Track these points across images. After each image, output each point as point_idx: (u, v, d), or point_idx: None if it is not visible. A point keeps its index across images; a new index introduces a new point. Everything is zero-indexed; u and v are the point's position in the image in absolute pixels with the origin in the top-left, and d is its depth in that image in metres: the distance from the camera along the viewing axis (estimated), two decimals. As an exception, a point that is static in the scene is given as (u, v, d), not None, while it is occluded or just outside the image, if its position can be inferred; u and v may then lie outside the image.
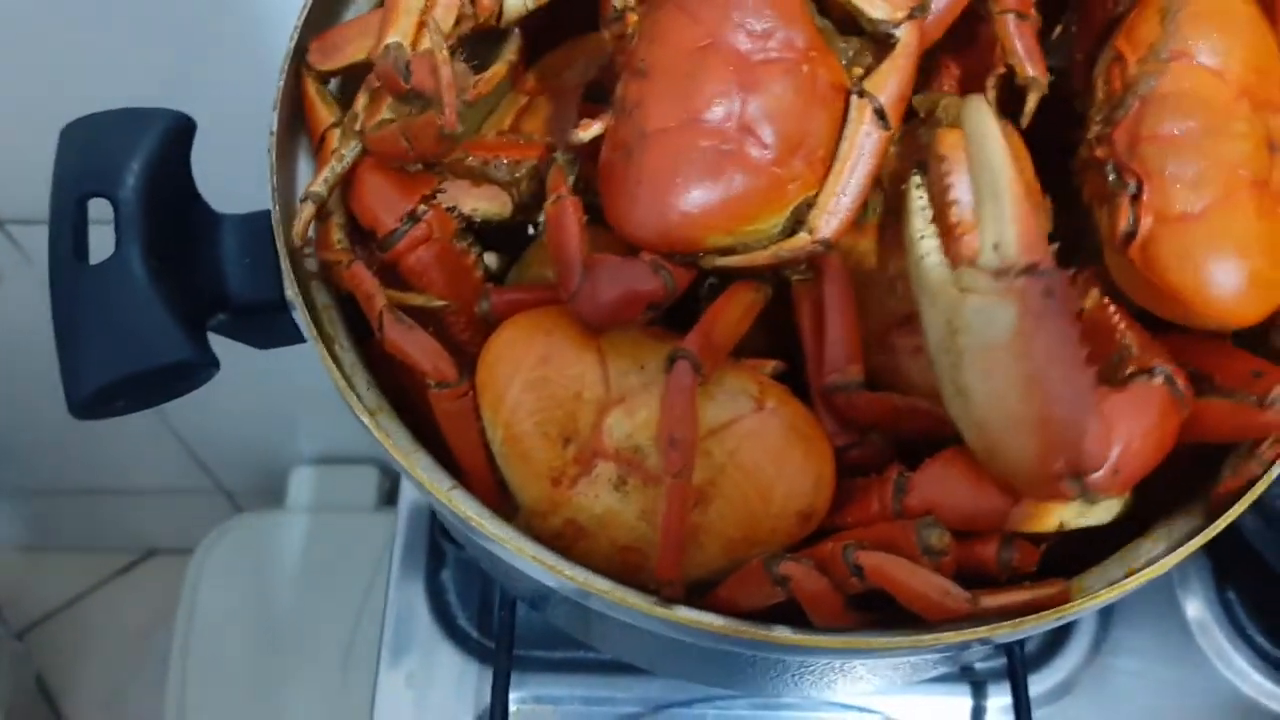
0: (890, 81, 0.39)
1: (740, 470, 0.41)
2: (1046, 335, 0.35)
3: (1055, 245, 0.38)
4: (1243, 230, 0.41)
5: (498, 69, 0.41)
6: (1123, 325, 0.43)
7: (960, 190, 0.41)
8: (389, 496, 1.18)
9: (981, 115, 0.37)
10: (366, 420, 0.42)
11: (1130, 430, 0.37)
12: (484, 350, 0.42)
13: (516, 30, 0.44)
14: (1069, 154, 0.46)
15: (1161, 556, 0.41)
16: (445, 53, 0.38)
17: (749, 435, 0.41)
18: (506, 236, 0.50)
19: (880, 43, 0.40)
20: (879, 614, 0.40)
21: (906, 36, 0.39)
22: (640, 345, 0.42)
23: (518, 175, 0.46)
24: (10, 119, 0.88)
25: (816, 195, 0.40)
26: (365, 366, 0.45)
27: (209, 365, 0.43)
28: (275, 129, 0.46)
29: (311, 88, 0.46)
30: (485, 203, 0.47)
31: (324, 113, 0.46)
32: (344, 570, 1.11)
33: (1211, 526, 0.41)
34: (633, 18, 0.42)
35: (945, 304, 0.37)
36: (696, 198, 0.39)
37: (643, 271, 0.39)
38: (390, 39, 0.40)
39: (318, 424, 1.18)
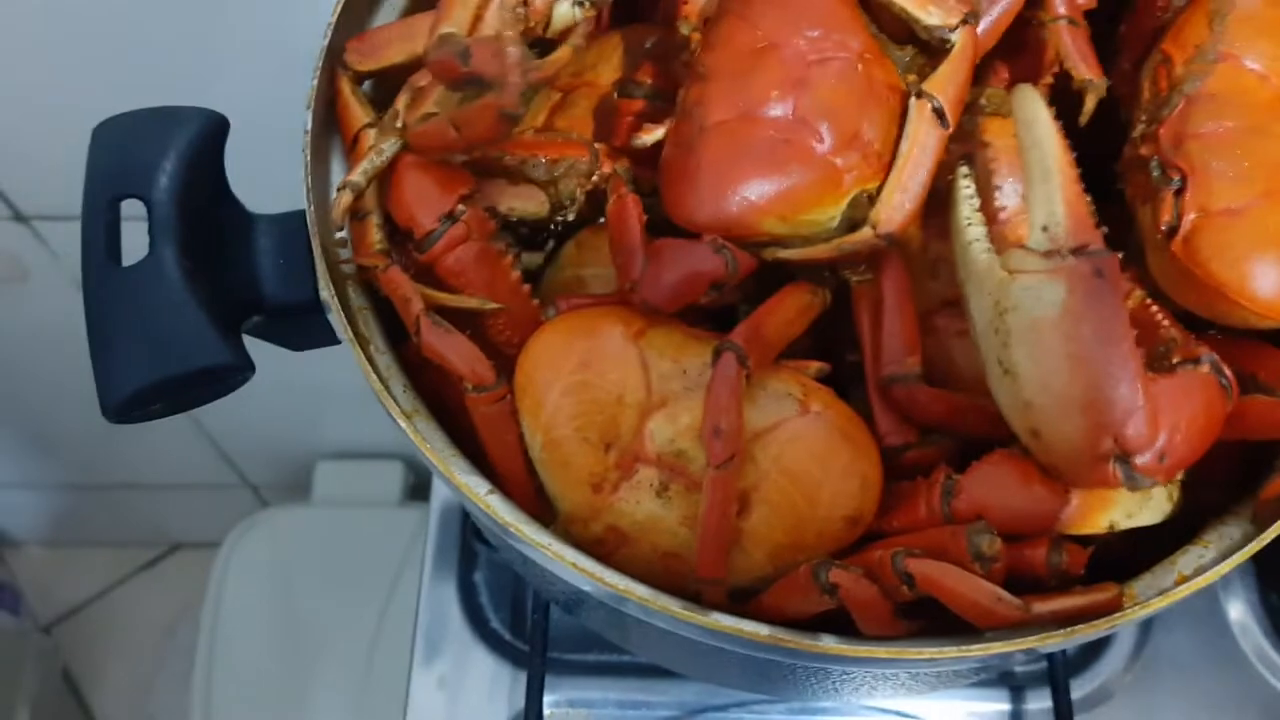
0: (948, 83, 0.40)
1: (785, 475, 0.40)
2: (1096, 314, 0.35)
3: (1104, 230, 0.38)
4: None
5: (563, 52, 0.40)
6: (1166, 322, 0.43)
7: (1007, 177, 0.42)
8: (414, 491, 1.18)
9: (1032, 100, 0.38)
10: (403, 423, 0.42)
11: (1177, 416, 0.37)
12: (522, 354, 0.41)
13: (583, 13, 0.43)
14: (1108, 161, 0.45)
15: (1212, 565, 0.40)
16: (513, 32, 0.37)
17: (794, 439, 0.40)
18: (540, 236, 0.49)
19: (935, 49, 0.41)
20: (927, 621, 0.39)
21: (962, 41, 0.40)
22: (683, 348, 0.41)
23: (556, 174, 0.45)
24: (37, 115, 0.88)
25: (874, 189, 0.41)
26: (401, 368, 0.44)
27: (244, 369, 0.43)
28: (310, 128, 0.45)
29: (347, 87, 0.46)
30: (522, 202, 0.46)
31: (359, 113, 0.45)
32: (369, 565, 1.11)
33: (1264, 535, 0.40)
34: (696, 36, 0.43)
35: (993, 285, 0.37)
36: (754, 183, 0.40)
37: (704, 252, 0.40)
38: (444, 29, 0.40)
39: (343, 418, 1.18)
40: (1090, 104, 0.44)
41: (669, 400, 0.40)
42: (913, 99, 0.40)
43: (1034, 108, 0.38)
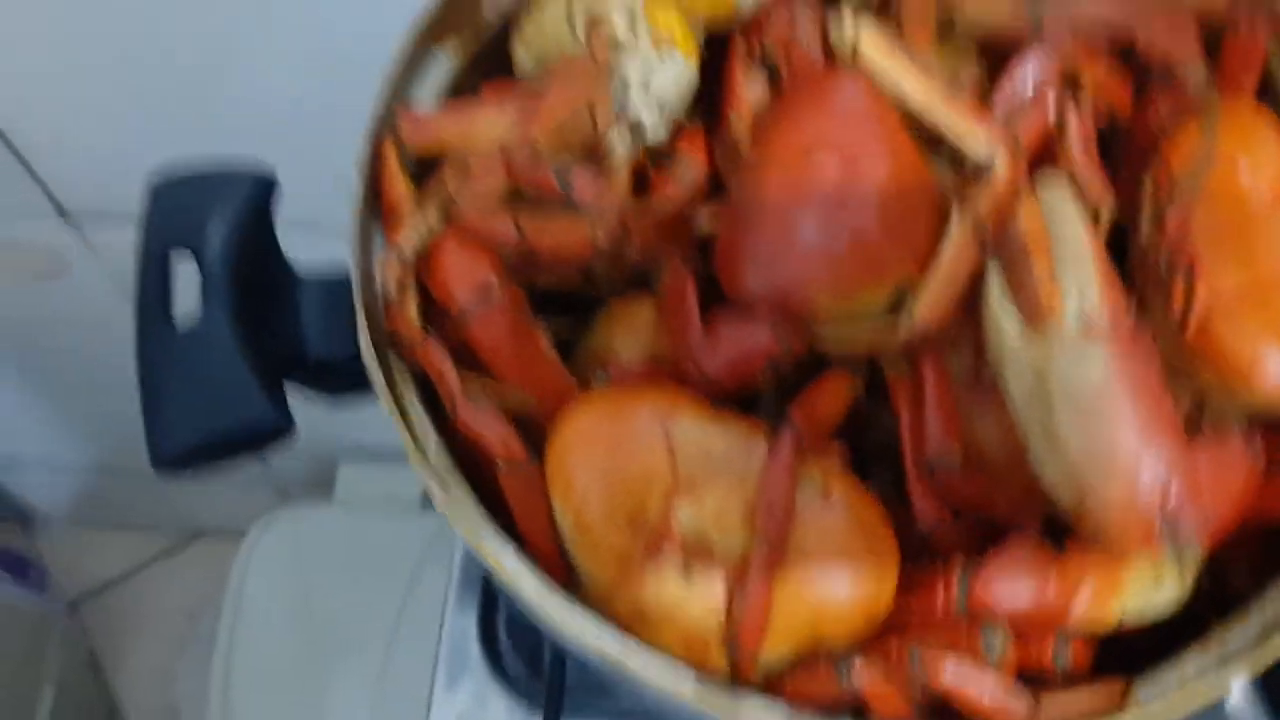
0: (989, 200, 0.42)
1: (805, 561, 0.41)
2: (1136, 379, 0.37)
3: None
4: None
5: (662, 201, 0.42)
6: (1187, 401, 0.44)
7: (1038, 259, 0.43)
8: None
9: (1059, 189, 0.41)
10: (435, 486, 0.43)
11: (1214, 480, 0.38)
12: (554, 434, 0.43)
13: (695, 172, 0.46)
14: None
15: (1214, 669, 0.41)
16: (624, 175, 0.40)
17: (814, 525, 0.41)
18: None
19: (979, 171, 0.43)
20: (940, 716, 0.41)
21: (1005, 164, 0.42)
22: (708, 433, 0.42)
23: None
24: (84, 115, 0.90)
25: (917, 280, 0.43)
26: (435, 429, 0.46)
27: (288, 430, 0.44)
28: (359, 191, 0.46)
29: (393, 159, 0.47)
30: (558, 276, 0.48)
31: (401, 185, 0.46)
32: (387, 567, 1.13)
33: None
34: (745, 130, 0.46)
35: (1032, 357, 0.39)
36: (810, 262, 0.42)
37: (761, 329, 0.42)
38: (536, 138, 0.43)
39: (370, 420, 1.20)
40: (1105, 220, 0.47)
41: (695, 484, 0.41)
42: (956, 208, 0.41)
43: (1062, 197, 0.41)
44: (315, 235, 0.57)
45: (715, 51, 0.50)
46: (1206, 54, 0.49)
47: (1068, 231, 0.39)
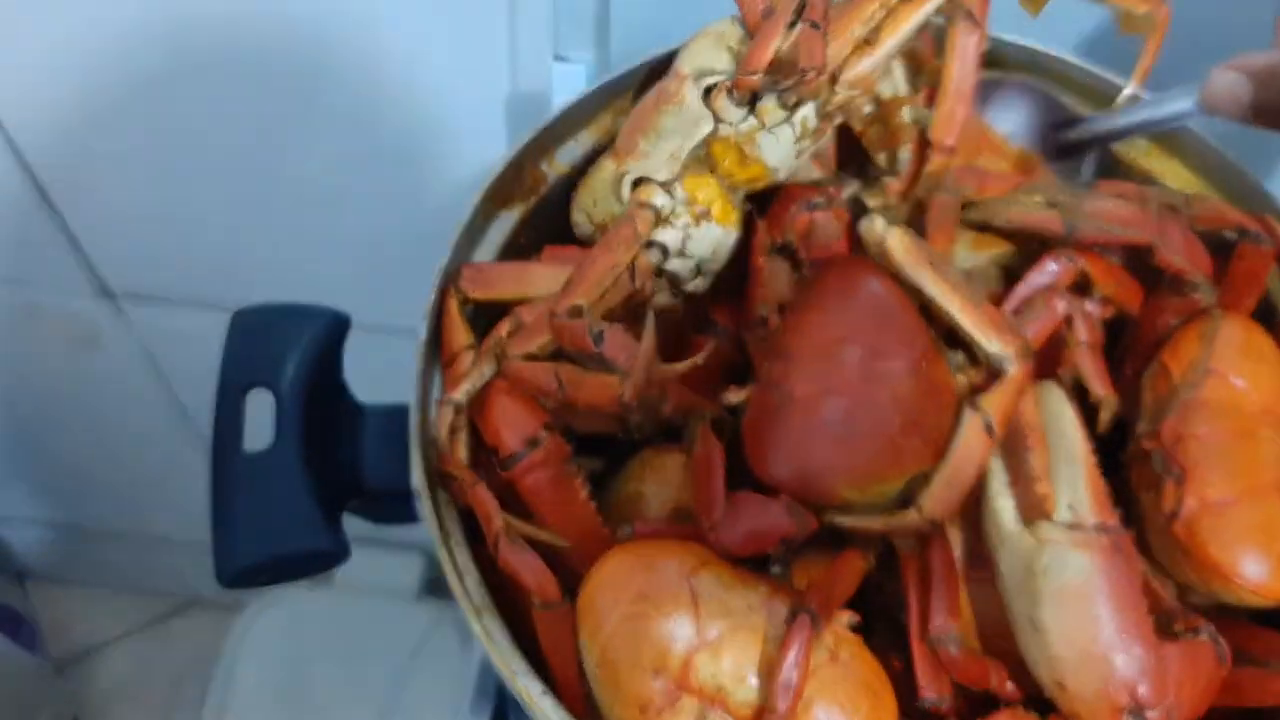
0: (1000, 403, 0.45)
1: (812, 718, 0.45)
2: (1116, 582, 0.41)
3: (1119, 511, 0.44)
4: (1267, 518, 0.48)
5: (689, 364, 0.46)
6: (1164, 594, 0.49)
7: (1036, 456, 0.47)
8: (431, 586, 1.23)
9: (1058, 396, 0.46)
10: (472, 619, 0.47)
11: (1182, 677, 0.42)
12: (587, 578, 0.47)
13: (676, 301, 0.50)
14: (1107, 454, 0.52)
15: None
16: (652, 336, 0.44)
17: (823, 686, 0.45)
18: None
19: (990, 370, 0.46)
20: None
21: (1017, 371, 0.45)
22: (730, 590, 0.46)
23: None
24: (136, 205, 0.95)
25: (930, 470, 0.46)
26: (475, 563, 0.49)
27: (344, 555, 0.48)
28: (424, 336, 0.51)
29: (455, 308, 0.52)
30: (597, 423, 0.52)
31: (462, 334, 0.51)
32: (382, 654, 1.16)
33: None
34: (774, 320, 0.50)
35: (1024, 551, 0.43)
36: (831, 452, 0.46)
37: (779, 511, 0.46)
38: (576, 301, 0.47)
39: (372, 506, 1.23)
40: (1105, 417, 0.51)
41: (715, 638, 0.45)
42: (967, 409, 0.45)
43: (1060, 403, 0.46)
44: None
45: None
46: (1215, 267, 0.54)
47: (1065, 436, 0.44)
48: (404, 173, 0.87)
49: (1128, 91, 0.53)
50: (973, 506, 0.47)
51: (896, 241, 0.48)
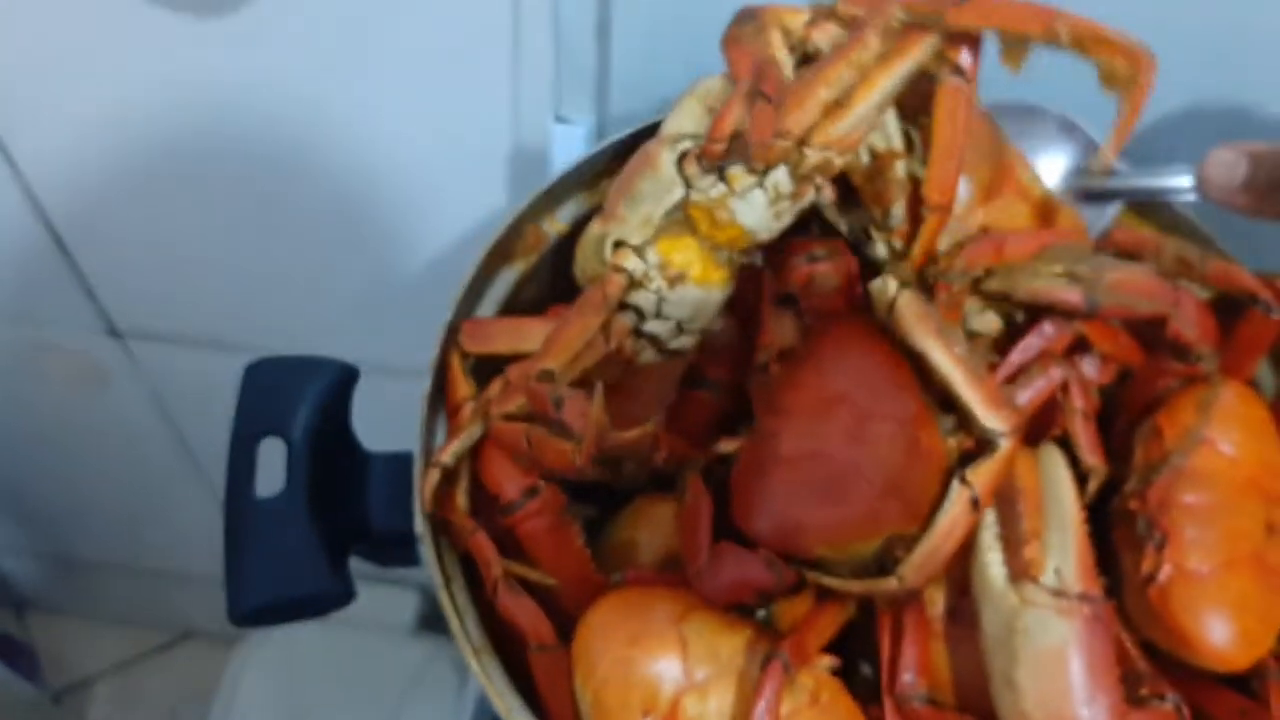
0: (988, 479, 0.46)
1: (792, 759, 0.47)
2: (1091, 651, 0.44)
3: (1104, 580, 0.46)
4: (1239, 592, 0.50)
5: (639, 433, 0.48)
6: (1136, 654, 0.51)
7: (1029, 519, 0.49)
8: (425, 621, 1.24)
9: (1056, 462, 0.47)
10: (471, 659, 0.49)
11: None
12: (582, 622, 0.49)
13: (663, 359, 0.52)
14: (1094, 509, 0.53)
15: None
16: (601, 407, 0.45)
17: (803, 728, 0.47)
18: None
19: (980, 442, 0.47)
20: None
21: (1007, 449, 0.46)
22: (719, 635, 0.48)
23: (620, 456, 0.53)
24: (144, 247, 0.98)
25: (908, 532, 0.47)
26: (474, 605, 0.52)
27: (349, 597, 0.50)
28: (428, 389, 0.54)
29: (456, 363, 0.54)
30: (591, 473, 0.54)
31: (463, 388, 0.53)
32: (377, 688, 1.17)
33: None
34: (775, 368, 0.51)
35: (1007, 609, 0.45)
36: (810, 513, 0.48)
37: (759, 564, 0.47)
38: (547, 365, 0.48)
39: (370, 541, 1.25)
40: (1093, 487, 0.52)
41: (702, 682, 0.47)
42: (956, 482, 0.46)
43: (1057, 469, 0.47)
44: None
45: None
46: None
47: (1060, 503, 0.46)
48: (408, 222, 0.89)
49: (1108, 159, 0.53)
50: (960, 566, 0.48)
51: (906, 305, 0.48)
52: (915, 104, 0.53)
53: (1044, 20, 0.47)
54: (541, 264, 0.60)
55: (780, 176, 0.50)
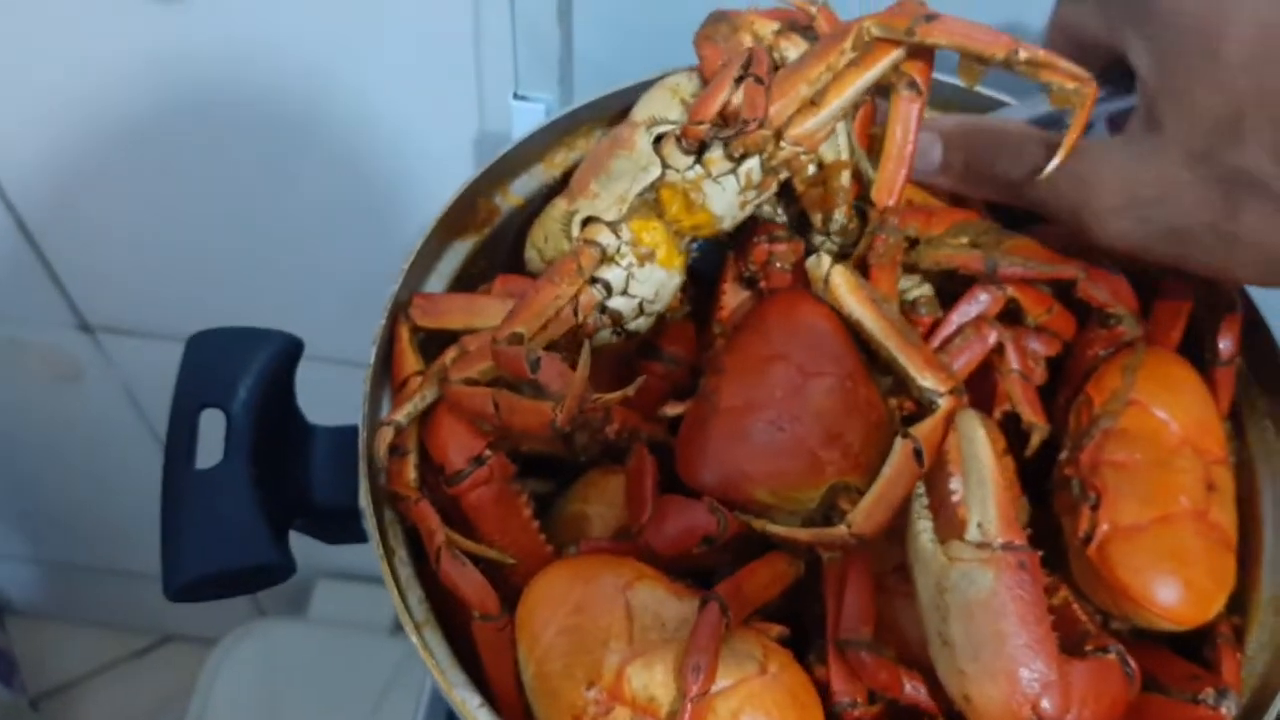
0: (931, 433, 0.47)
1: (740, 729, 0.46)
2: (1018, 598, 0.42)
3: (1029, 532, 0.45)
4: (1180, 546, 0.50)
5: (621, 395, 0.47)
6: (1084, 618, 0.51)
7: (955, 480, 0.49)
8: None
9: (972, 423, 0.47)
10: (412, 633, 0.48)
11: (1086, 693, 0.43)
12: (526, 591, 0.48)
13: (618, 339, 0.53)
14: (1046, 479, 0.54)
15: None
16: (586, 365, 0.45)
17: (751, 696, 0.46)
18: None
19: (922, 404, 0.48)
20: None
21: (947, 405, 0.47)
22: (665, 603, 0.47)
23: (574, 428, 0.52)
24: (115, 240, 0.97)
25: (851, 482, 0.48)
26: (419, 581, 0.51)
27: (290, 569, 0.49)
28: (373, 361, 0.53)
29: (405, 336, 0.53)
30: (541, 444, 0.53)
31: (412, 360, 0.53)
32: (355, 689, 1.16)
33: None
34: (722, 340, 0.53)
35: (936, 569, 0.45)
36: (750, 459, 0.48)
37: (701, 510, 0.48)
38: (518, 328, 0.48)
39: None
40: (1035, 442, 0.53)
41: (647, 649, 0.46)
42: (899, 438, 0.47)
43: (973, 428, 0.47)
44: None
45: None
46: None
47: (977, 459, 0.45)
48: (379, 214, 0.89)
49: (1055, 162, 0.52)
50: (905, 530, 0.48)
51: (840, 277, 0.50)
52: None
53: (1006, 46, 0.50)
54: (494, 239, 0.60)
55: (752, 165, 0.52)
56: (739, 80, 0.50)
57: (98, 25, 0.76)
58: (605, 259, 0.52)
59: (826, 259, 0.50)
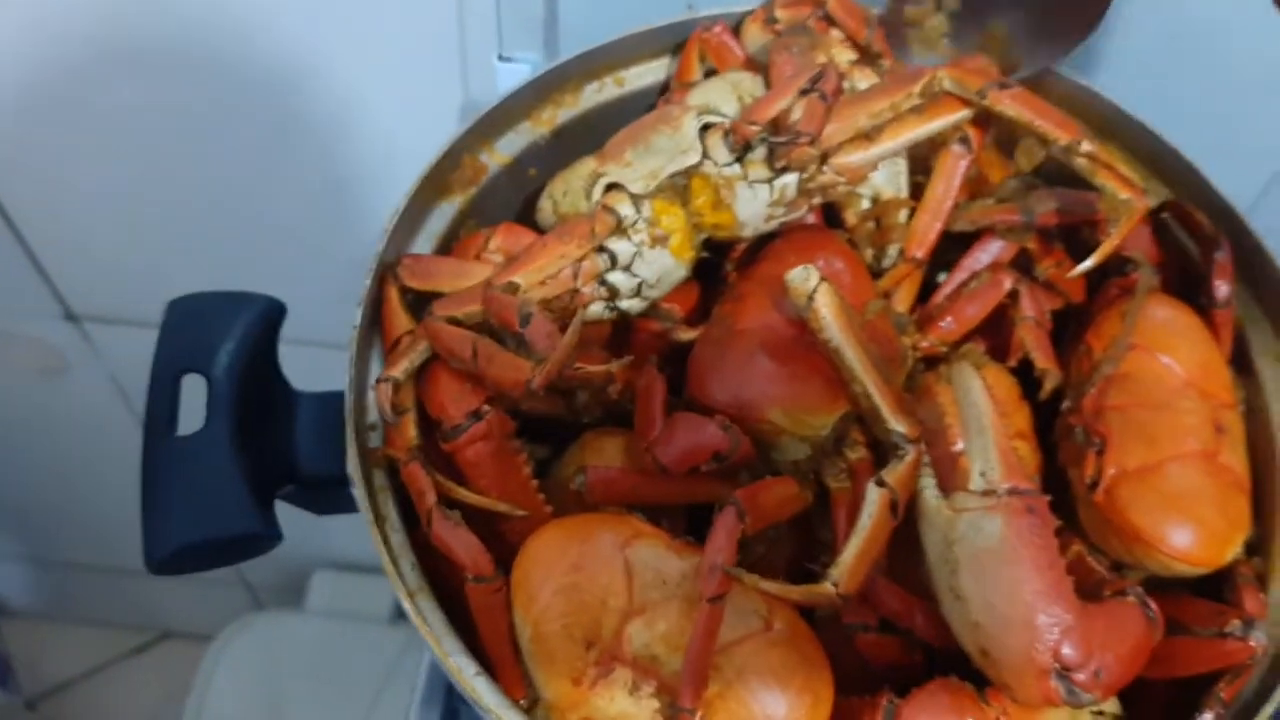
0: (906, 484, 0.46)
1: (746, 687, 0.44)
2: (1030, 543, 0.41)
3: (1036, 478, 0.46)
4: (1190, 486, 0.48)
5: (601, 370, 0.47)
6: (1099, 567, 0.49)
7: (953, 434, 0.48)
8: (402, 611, 1.21)
9: (966, 372, 0.46)
10: (405, 600, 0.47)
11: (1108, 637, 0.42)
12: (522, 551, 0.46)
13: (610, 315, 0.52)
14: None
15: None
16: (577, 334, 0.44)
17: (756, 653, 0.45)
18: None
19: (888, 445, 0.47)
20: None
21: (914, 455, 0.46)
22: (665, 560, 0.46)
23: (574, 387, 0.51)
24: (99, 227, 0.95)
25: (855, 416, 0.48)
26: (411, 547, 0.49)
27: (275, 538, 0.48)
28: (358, 323, 0.51)
29: (394, 296, 0.52)
30: (542, 404, 0.52)
31: (403, 320, 0.51)
32: (354, 678, 1.14)
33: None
34: (735, 275, 0.54)
35: (942, 522, 0.43)
36: (768, 379, 0.48)
37: (713, 427, 0.47)
38: (516, 278, 0.47)
39: (344, 530, 1.22)
40: (1048, 386, 0.52)
41: (648, 607, 0.45)
42: (873, 485, 0.45)
43: (969, 378, 0.46)
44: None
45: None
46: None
47: (975, 407, 0.44)
48: (370, 197, 0.87)
49: (1084, 266, 0.52)
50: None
51: (824, 299, 0.46)
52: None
53: (1072, 133, 0.50)
54: (482, 197, 0.58)
55: (790, 181, 0.51)
56: (804, 93, 0.50)
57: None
58: (619, 230, 0.51)
59: (815, 275, 0.46)
